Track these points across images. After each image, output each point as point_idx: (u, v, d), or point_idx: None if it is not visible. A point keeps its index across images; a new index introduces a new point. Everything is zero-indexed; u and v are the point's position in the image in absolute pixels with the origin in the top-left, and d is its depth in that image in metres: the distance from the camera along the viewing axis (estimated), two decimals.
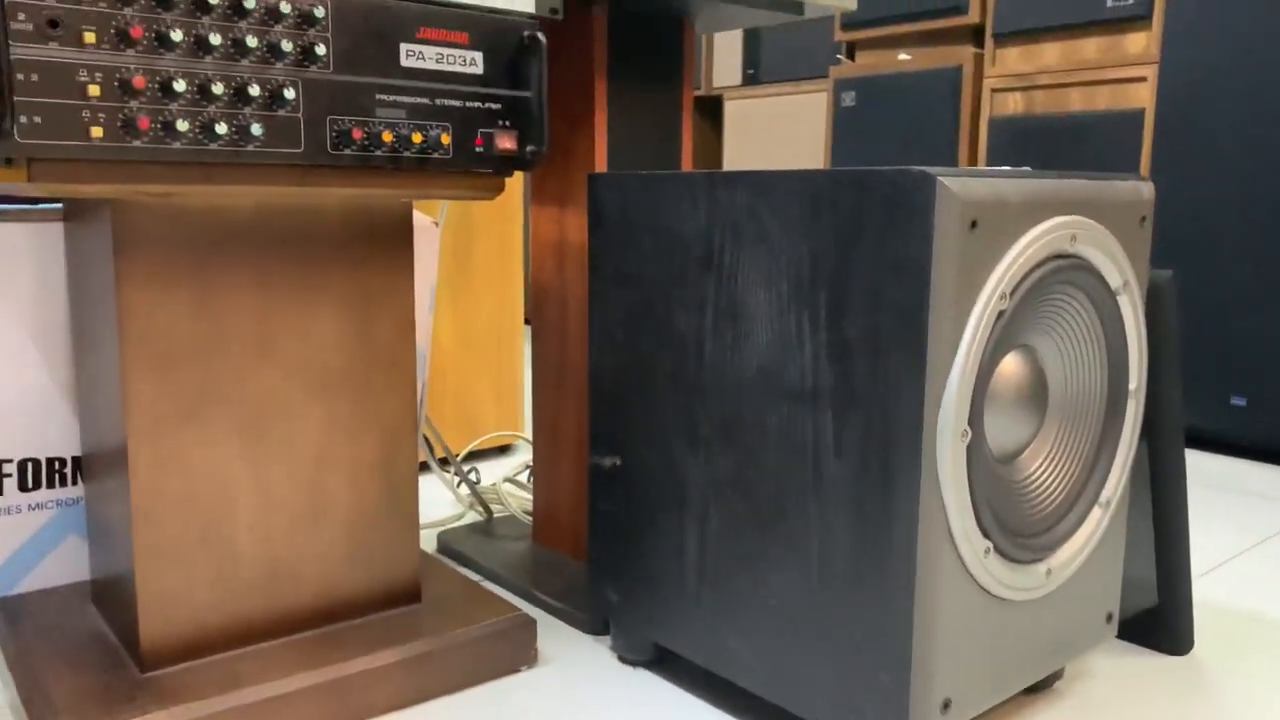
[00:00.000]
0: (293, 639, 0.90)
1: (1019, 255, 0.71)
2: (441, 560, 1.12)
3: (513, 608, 0.97)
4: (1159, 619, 1.01)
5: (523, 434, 1.81)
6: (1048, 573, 0.79)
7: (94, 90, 0.67)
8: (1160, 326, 0.92)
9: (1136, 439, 0.86)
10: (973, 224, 0.67)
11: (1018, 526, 0.77)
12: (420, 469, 1.57)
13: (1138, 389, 0.85)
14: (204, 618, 0.86)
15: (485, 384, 1.74)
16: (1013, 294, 0.71)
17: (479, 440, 1.72)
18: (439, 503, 1.52)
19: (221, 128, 0.72)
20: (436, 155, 0.83)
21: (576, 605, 1.08)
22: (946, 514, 0.70)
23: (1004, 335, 0.72)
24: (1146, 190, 0.84)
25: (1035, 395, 0.80)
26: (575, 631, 1.06)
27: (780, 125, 2.88)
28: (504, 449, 1.83)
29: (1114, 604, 0.89)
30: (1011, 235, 0.71)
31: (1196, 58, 1.81)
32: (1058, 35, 2.06)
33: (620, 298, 0.92)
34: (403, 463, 0.96)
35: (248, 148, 0.73)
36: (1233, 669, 0.99)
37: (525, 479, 1.50)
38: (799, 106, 2.82)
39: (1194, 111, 1.82)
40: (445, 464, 1.67)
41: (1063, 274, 0.75)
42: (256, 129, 0.73)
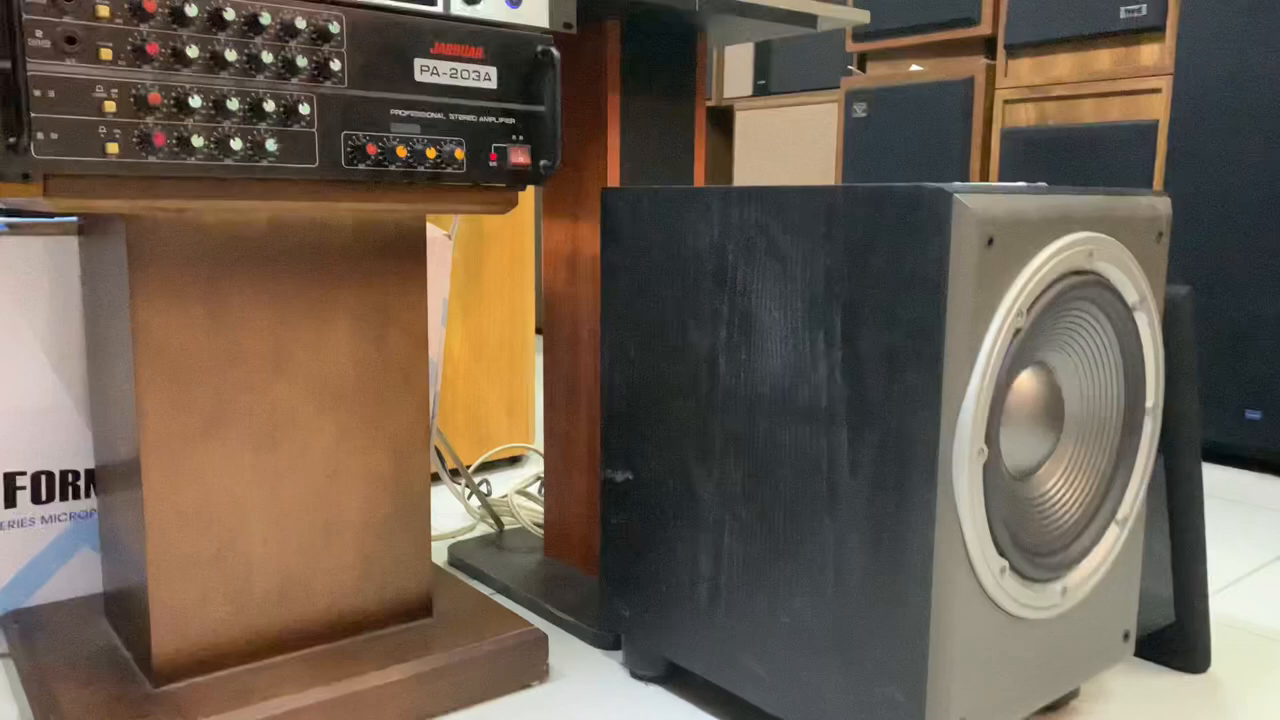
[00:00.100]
0: (305, 653, 0.90)
1: (1036, 272, 0.70)
2: (452, 574, 1.11)
3: (524, 623, 0.97)
4: (1176, 637, 1.00)
5: (533, 445, 1.81)
6: (1064, 591, 0.79)
7: (110, 106, 0.67)
8: (1178, 343, 0.91)
9: (1154, 456, 0.85)
10: (989, 241, 0.67)
11: (1034, 545, 0.77)
12: (431, 480, 1.57)
13: (1155, 406, 0.84)
14: (216, 632, 0.86)
15: (496, 395, 1.74)
16: (1029, 311, 0.71)
17: (490, 452, 1.72)
18: (449, 514, 1.52)
19: (236, 143, 0.72)
20: (450, 170, 0.83)
21: (588, 620, 1.07)
22: (962, 533, 0.69)
23: (1020, 352, 0.71)
24: (1163, 206, 0.83)
25: (1051, 412, 0.79)
26: (587, 646, 1.06)
27: (791, 136, 2.88)
28: (515, 460, 1.83)
29: (1130, 622, 0.89)
30: (1028, 252, 0.70)
31: (1211, 69, 1.80)
32: (1070, 46, 2.06)
33: (633, 312, 0.91)
34: (415, 477, 0.96)
35: (262, 163, 0.73)
36: (1250, 687, 0.98)
37: (536, 491, 1.49)
38: (810, 117, 2.82)
39: (1209, 123, 1.81)
40: (456, 475, 1.67)
41: (1079, 290, 0.75)
42: (271, 144, 0.73)
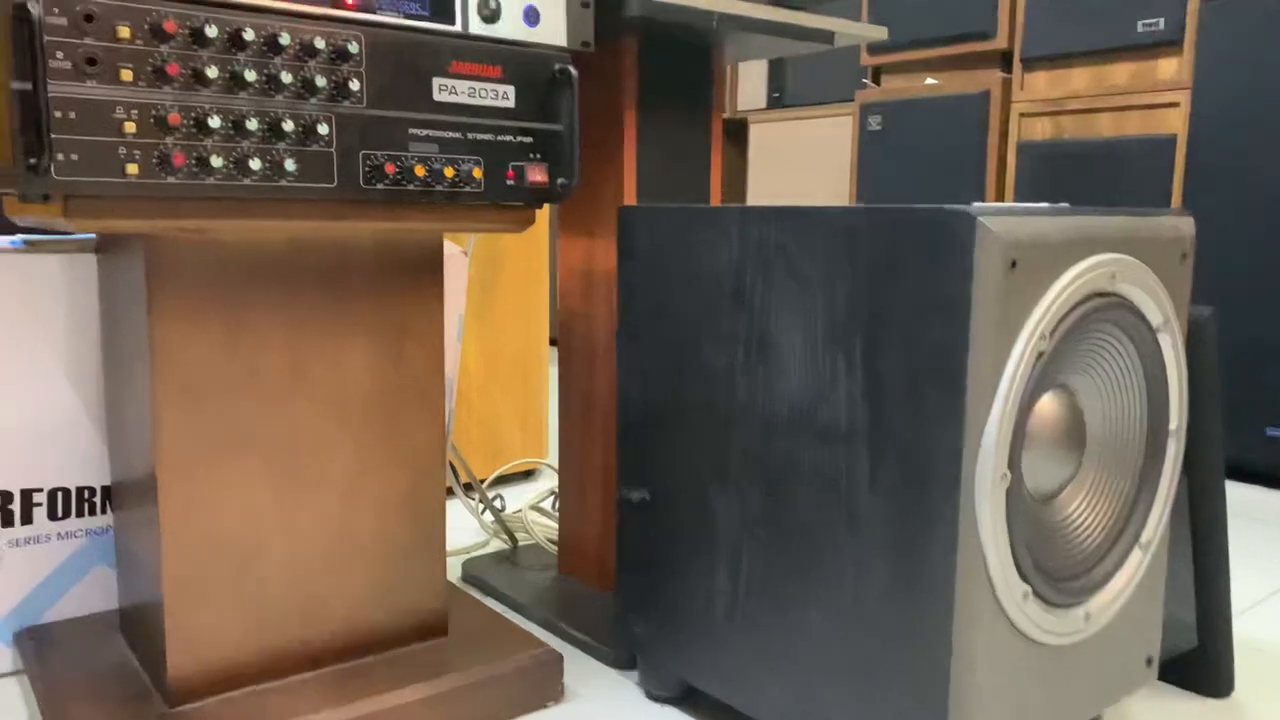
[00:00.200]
0: (320, 673, 0.89)
1: (1059, 294, 0.70)
2: (467, 592, 1.11)
3: (540, 643, 0.96)
4: (1199, 661, 0.98)
5: (547, 460, 1.81)
6: (1086, 617, 0.78)
7: (130, 127, 0.67)
8: (1201, 364, 0.90)
9: (1177, 479, 0.84)
10: (1013, 264, 0.66)
11: (1056, 569, 0.76)
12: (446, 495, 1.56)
13: (1178, 429, 0.83)
14: (232, 651, 0.85)
15: (510, 408, 1.74)
16: (1053, 334, 0.70)
17: (505, 467, 1.72)
18: (463, 529, 1.51)
19: (255, 163, 0.72)
20: (468, 189, 0.83)
21: (603, 639, 1.07)
22: (985, 558, 0.68)
23: (1043, 375, 0.70)
24: (1187, 226, 0.82)
25: (1073, 435, 0.78)
26: (602, 665, 1.05)
27: (805, 149, 2.87)
28: (528, 474, 1.82)
29: (1154, 647, 0.87)
30: (1051, 274, 0.70)
31: (1230, 83, 1.79)
32: (1087, 60, 2.05)
33: (650, 330, 0.91)
34: (431, 495, 0.95)
35: (281, 183, 0.73)
36: (1275, 711, 0.97)
37: (550, 506, 1.49)
38: (824, 130, 2.82)
39: (1228, 137, 1.80)
40: (470, 489, 1.67)
41: (1103, 313, 0.74)
42: (290, 164, 0.73)
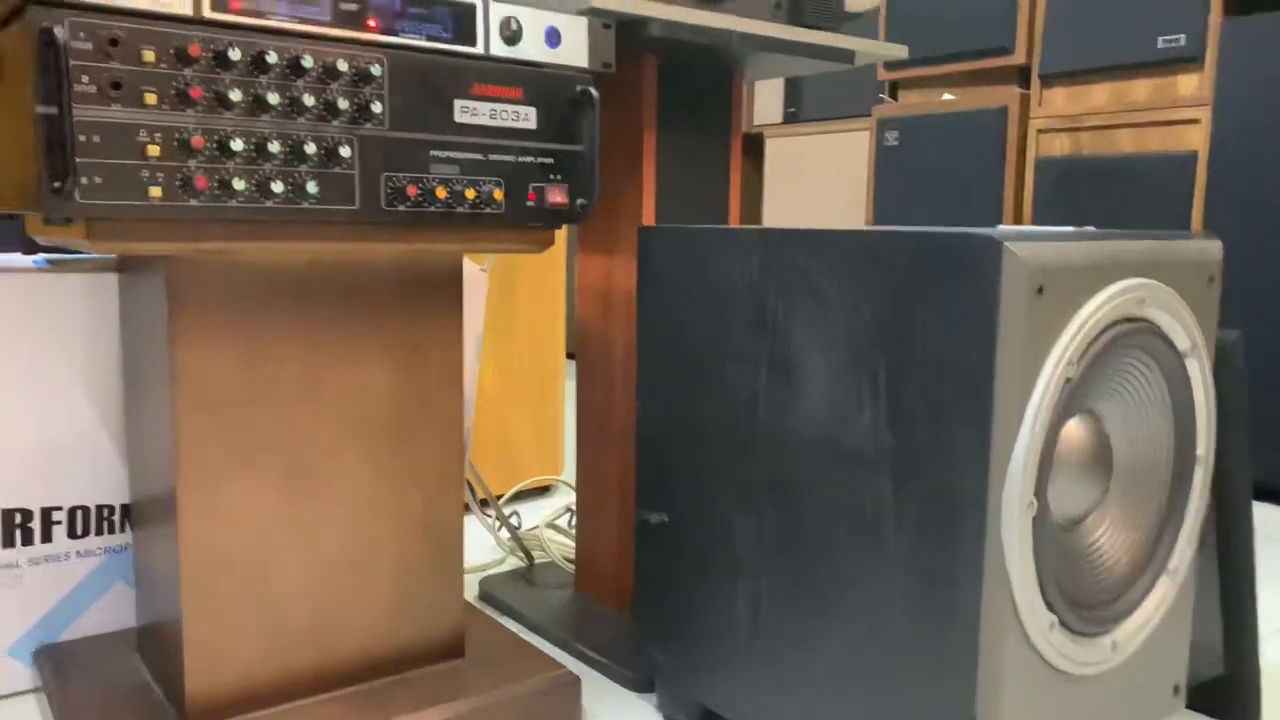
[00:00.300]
0: (337, 694, 0.89)
1: (1086, 320, 0.69)
2: (484, 611, 1.10)
3: (558, 665, 0.96)
4: (1226, 688, 0.97)
5: (563, 476, 1.80)
6: (1113, 646, 0.76)
7: (153, 150, 0.67)
8: (1228, 388, 0.89)
9: (1204, 506, 0.83)
10: (1040, 289, 0.66)
11: (1083, 598, 0.75)
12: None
13: (1206, 454, 0.82)
14: (248, 671, 0.85)
15: (526, 423, 1.73)
16: (1080, 360, 0.69)
17: (521, 484, 1.71)
18: (479, 546, 1.51)
19: (278, 185, 0.72)
20: (489, 210, 0.82)
21: (621, 661, 1.06)
22: (1011, 588, 0.68)
23: (1070, 402, 0.70)
24: (1214, 249, 0.81)
25: (1100, 461, 0.77)
26: (619, 687, 1.04)
27: (821, 164, 2.87)
28: (543, 490, 1.82)
29: (1181, 675, 0.86)
30: (1078, 300, 0.69)
31: (1251, 99, 1.78)
32: (1106, 76, 2.04)
33: (669, 351, 0.90)
34: (448, 514, 0.95)
35: (303, 205, 0.73)
36: None
37: (566, 523, 1.48)
38: (841, 145, 2.81)
39: (1250, 154, 1.78)
40: (486, 505, 1.66)
41: (1130, 338, 0.73)
42: (312, 186, 0.73)
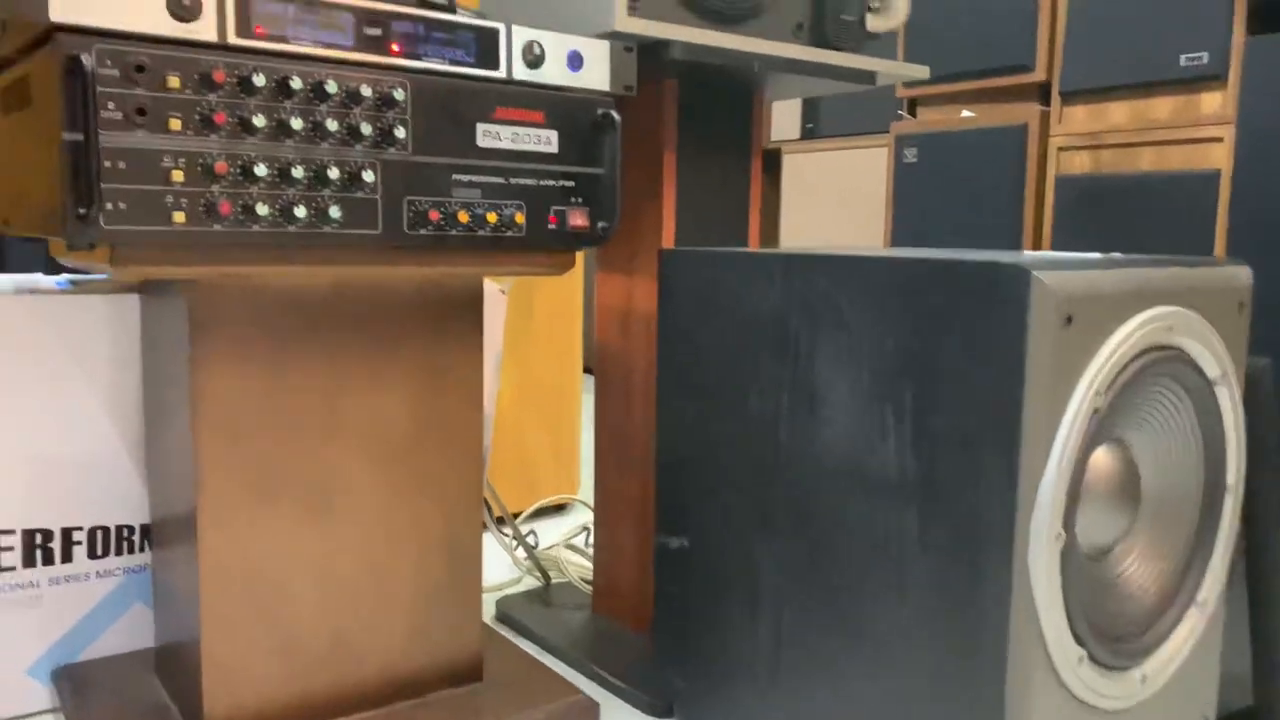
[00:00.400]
0: (355, 718, 0.88)
1: (1115, 350, 0.68)
2: (501, 633, 1.10)
3: (576, 690, 0.95)
4: (1255, 719, 0.95)
5: (579, 495, 1.79)
6: (1143, 679, 0.75)
7: (178, 176, 0.67)
8: (1258, 416, 0.88)
9: (1235, 536, 0.82)
10: (1068, 319, 0.65)
11: (1111, 630, 0.73)
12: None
13: (1236, 483, 0.81)
14: (267, 693, 0.84)
15: (543, 440, 1.73)
16: (1109, 389, 0.68)
17: (538, 503, 1.71)
18: (496, 564, 1.50)
19: (301, 210, 0.72)
20: (510, 234, 0.82)
21: (639, 685, 1.05)
22: (1039, 621, 0.67)
23: (1098, 431, 0.69)
24: (1243, 275, 0.80)
25: (1128, 490, 0.76)
26: (637, 713, 1.03)
27: (839, 180, 2.86)
28: (560, 507, 1.81)
29: (1210, 708, 0.85)
30: (1107, 329, 0.68)
31: (1275, 117, 1.76)
32: (1127, 94, 2.03)
33: (690, 374, 0.90)
34: (467, 538, 0.94)
35: (325, 230, 0.73)
36: None
37: (582, 542, 1.48)
38: (858, 161, 2.81)
39: (1273, 172, 1.77)
40: (501, 523, 1.66)
41: (1159, 367, 0.72)
42: (335, 211, 0.73)
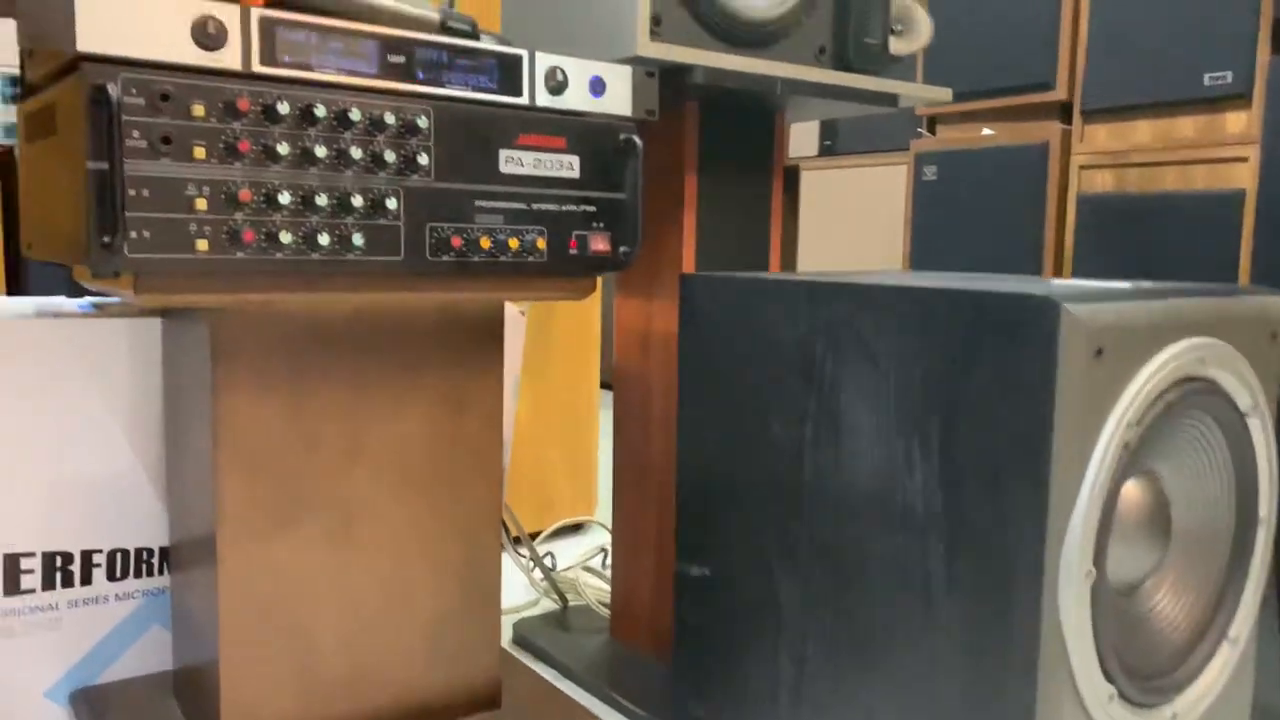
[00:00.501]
0: None
1: (1146, 382, 0.67)
2: (519, 659, 1.09)
3: (594, 717, 0.94)
4: None
5: (596, 515, 1.79)
6: (1174, 717, 0.74)
7: (201, 204, 0.67)
8: None
9: (1268, 570, 0.80)
10: (1099, 351, 0.64)
11: (1142, 666, 0.72)
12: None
13: (1269, 516, 0.79)
14: (284, 718, 0.84)
15: (560, 459, 1.72)
16: (1139, 423, 0.67)
17: (556, 525, 1.70)
18: (513, 586, 1.49)
19: (324, 238, 0.72)
20: (532, 259, 0.82)
21: (657, 711, 1.04)
22: (1068, 657, 0.65)
23: (1129, 465, 0.67)
24: (1276, 305, 0.79)
25: (1158, 524, 0.75)
26: None
27: (858, 198, 2.85)
28: (576, 527, 1.80)
29: None
30: (1138, 361, 0.67)
31: None
32: (1150, 113, 2.01)
33: (712, 400, 0.89)
34: (486, 564, 0.94)
35: (349, 256, 0.73)
36: None
37: (599, 564, 1.47)
38: (877, 179, 2.80)
39: None
40: (518, 543, 1.65)
41: (1190, 399, 0.71)
42: (358, 238, 0.73)
